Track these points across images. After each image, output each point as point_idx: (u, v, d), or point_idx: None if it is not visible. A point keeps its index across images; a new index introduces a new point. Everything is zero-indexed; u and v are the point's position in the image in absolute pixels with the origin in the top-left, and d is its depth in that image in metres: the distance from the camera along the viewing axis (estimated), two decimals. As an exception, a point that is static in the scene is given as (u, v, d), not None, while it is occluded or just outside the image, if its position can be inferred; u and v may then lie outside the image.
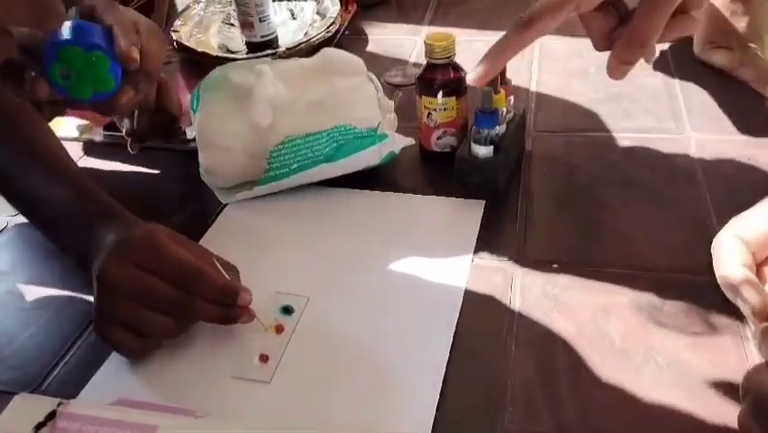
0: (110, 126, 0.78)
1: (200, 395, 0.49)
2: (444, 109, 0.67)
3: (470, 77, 0.46)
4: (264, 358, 0.51)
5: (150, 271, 0.49)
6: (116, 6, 0.45)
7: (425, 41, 0.66)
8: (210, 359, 0.52)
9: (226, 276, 0.51)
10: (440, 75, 0.66)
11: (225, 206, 0.68)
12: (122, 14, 0.45)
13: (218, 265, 0.52)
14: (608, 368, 0.48)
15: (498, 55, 0.45)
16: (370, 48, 0.97)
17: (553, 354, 0.50)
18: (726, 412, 0.44)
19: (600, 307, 0.53)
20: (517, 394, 0.47)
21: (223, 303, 0.50)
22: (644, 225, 0.61)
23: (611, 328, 0.51)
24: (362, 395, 0.48)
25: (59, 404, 0.45)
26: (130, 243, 0.50)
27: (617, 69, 0.46)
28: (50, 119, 0.55)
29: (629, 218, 0.62)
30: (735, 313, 0.47)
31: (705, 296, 0.51)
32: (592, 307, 0.53)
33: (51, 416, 0.44)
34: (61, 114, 0.68)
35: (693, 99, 0.77)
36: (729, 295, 0.44)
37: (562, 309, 0.53)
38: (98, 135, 0.80)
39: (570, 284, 0.56)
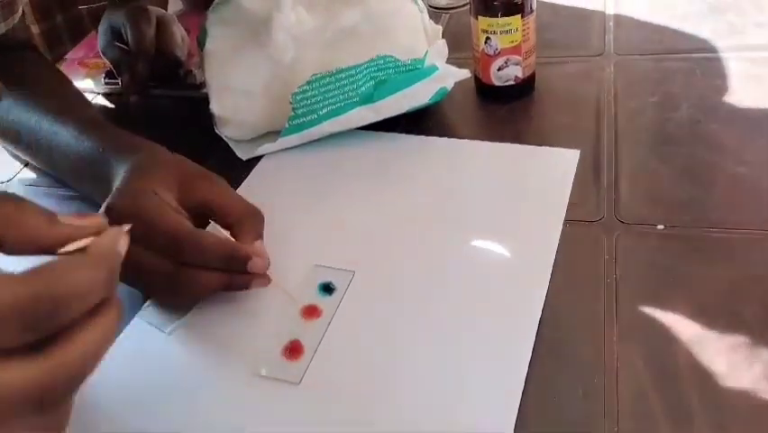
0: (111, 74, 0.68)
1: (207, 402, 0.39)
2: (507, 32, 0.54)
3: None
4: (293, 351, 0.41)
5: (139, 244, 0.39)
6: None
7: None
8: (223, 350, 0.42)
9: (230, 237, 0.42)
10: (501, -12, 0.53)
11: (249, 162, 0.56)
12: None
13: (219, 228, 0.43)
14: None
15: None
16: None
17: (670, 348, 0.38)
18: None
19: (729, 280, 0.40)
20: (627, 403, 0.35)
21: (230, 270, 0.42)
22: (773, 170, 0.47)
23: (747, 311, 0.39)
24: (421, 403, 0.37)
25: None
26: (115, 212, 0.41)
27: None
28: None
29: (753, 162, 0.48)
30: None
31: None
32: (718, 281, 0.41)
33: None
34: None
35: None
36: None
37: (677, 286, 0.41)
38: (100, 85, 0.70)
39: (684, 251, 0.43)
